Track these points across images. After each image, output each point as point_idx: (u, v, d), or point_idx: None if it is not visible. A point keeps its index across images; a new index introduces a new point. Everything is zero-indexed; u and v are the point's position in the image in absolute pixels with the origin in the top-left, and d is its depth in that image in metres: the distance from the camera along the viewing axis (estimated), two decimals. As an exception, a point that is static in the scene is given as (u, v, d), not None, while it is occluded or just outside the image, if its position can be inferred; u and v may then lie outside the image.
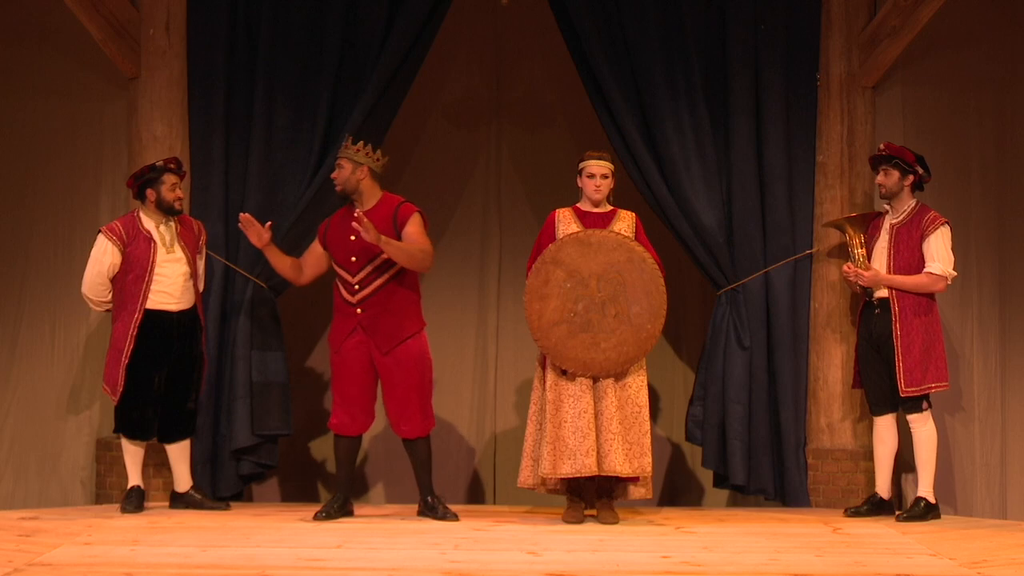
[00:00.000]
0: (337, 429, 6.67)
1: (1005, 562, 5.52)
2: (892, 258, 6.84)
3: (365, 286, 6.59)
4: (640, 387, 6.51)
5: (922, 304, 6.77)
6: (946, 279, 6.77)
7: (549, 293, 6.46)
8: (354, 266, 6.59)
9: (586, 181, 6.63)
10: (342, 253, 6.63)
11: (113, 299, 6.85)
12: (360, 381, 6.62)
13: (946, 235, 6.78)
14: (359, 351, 6.59)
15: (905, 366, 6.70)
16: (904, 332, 6.73)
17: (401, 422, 6.62)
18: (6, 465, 7.53)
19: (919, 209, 6.86)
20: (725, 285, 7.40)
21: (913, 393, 6.72)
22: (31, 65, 7.66)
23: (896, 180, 6.87)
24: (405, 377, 6.59)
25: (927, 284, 6.76)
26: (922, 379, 6.71)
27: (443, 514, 6.61)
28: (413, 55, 7.40)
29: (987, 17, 7.58)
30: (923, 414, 6.75)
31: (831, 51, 7.50)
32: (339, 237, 6.65)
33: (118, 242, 6.78)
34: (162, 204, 6.85)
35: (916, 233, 6.81)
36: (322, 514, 6.56)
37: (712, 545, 5.89)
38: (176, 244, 6.86)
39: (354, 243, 6.56)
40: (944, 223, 6.79)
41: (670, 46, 7.45)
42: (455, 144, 8.18)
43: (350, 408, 6.63)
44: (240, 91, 7.46)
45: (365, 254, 6.57)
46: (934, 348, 6.75)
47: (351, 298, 6.61)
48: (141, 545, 5.75)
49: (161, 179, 6.86)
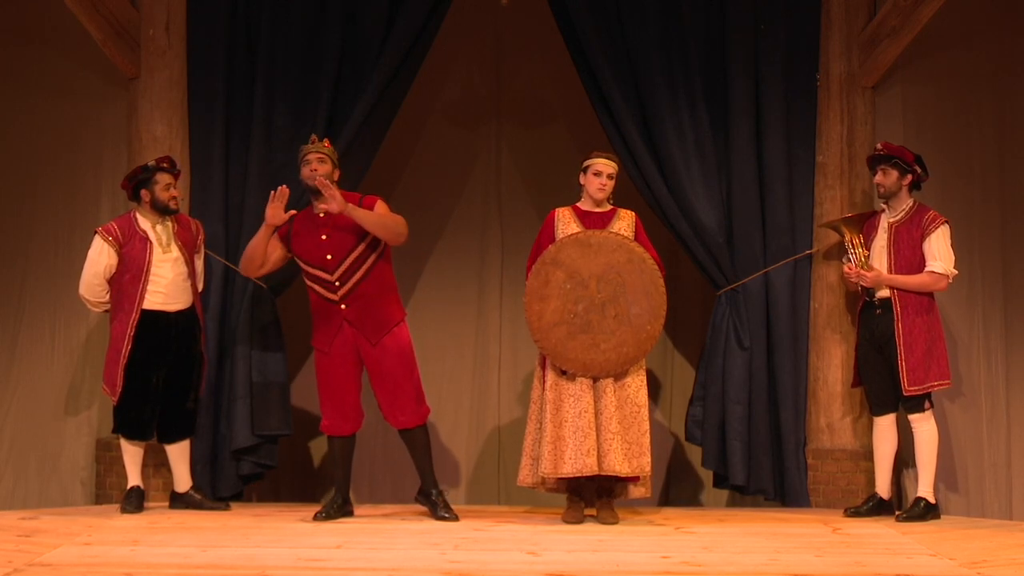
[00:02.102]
0: (331, 431, 6.67)
1: (1005, 562, 5.52)
2: (892, 257, 6.84)
3: (346, 281, 6.58)
4: (639, 387, 6.51)
5: (923, 303, 6.77)
6: (948, 278, 6.77)
7: (549, 294, 6.46)
8: (331, 263, 6.57)
9: (591, 179, 6.62)
10: (316, 254, 6.59)
11: (111, 300, 6.85)
12: (351, 379, 6.61)
13: (946, 234, 6.78)
14: (347, 348, 6.59)
15: (908, 365, 6.71)
16: (907, 332, 6.73)
17: (396, 412, 6.61)
18: (6, 465, 7.53)
19: (918, 208, 6.86)
20: (725, 285, 7.40)
21: (916, 392, 6.72)
22: (31, 65, 7.66)
23: (895, 180, 6.87)
24: (395, 366, 6.59)
25: (929, 283, 6.77)
26: (925, 378, 6.72)
27: (441, 513, 6.61)
28: (413, 55, 7.40)
29: (987, 17, 7.57)
30: (925, 413, 6.76)
31: (831, 51, 7.50)
32: (309, 240, 6.62)
33: (114, 243, 6.78)
34: (157, 204, 6.85)
35: (916, 232, 6.81)
36: (322, 514, 6.56)
37: (712, 545, 5.89)
38: (173, 244, 6.86)
39: (327, 241, 6.55)
40: (944, 222, 6.79)
41: (670, 46, 7.46)
42: (455, 143, 8.18)
43: (341, 407, 6.62)
44: (240, 91, 7.46)
45: (341, 249, 6.55)
46: (936, 347, 6.76)
47: (333, 296, 6.59)
48: (141, 545, 5.75)
49: (154, 179, 6.85)
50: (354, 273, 6.58)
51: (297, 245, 6.66)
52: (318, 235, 6.59)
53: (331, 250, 6.56)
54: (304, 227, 6.65)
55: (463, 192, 8.18)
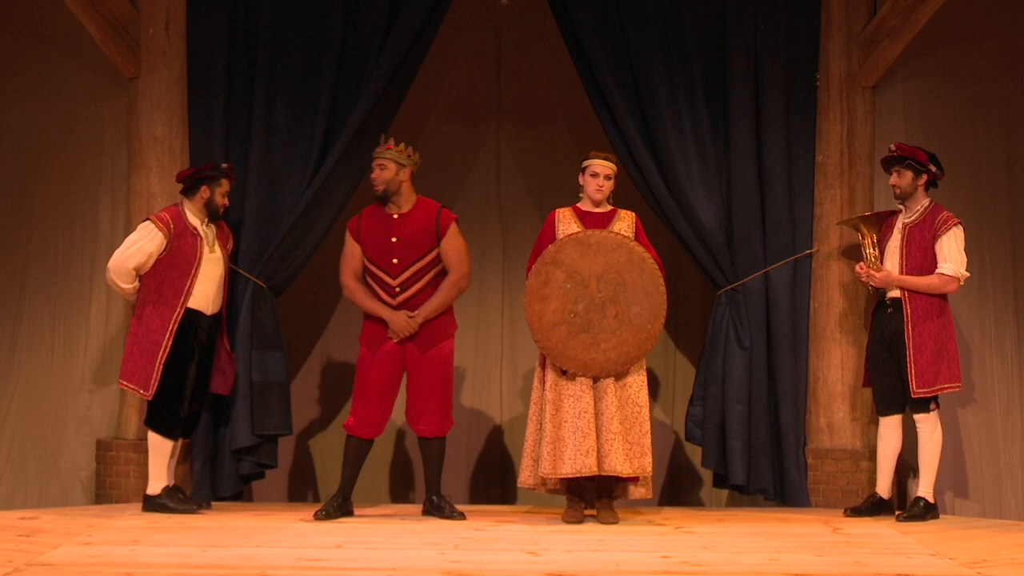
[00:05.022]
0: (354, 431, 6.63)
1: (1005, 562, 5.52)
2: (904, 258, 6.81)
3: (406, 288, 6.61)
4: (640, 387, 6.51)
5: (935, 305, 6.74)
6: (958, 280, 6.74)
7: (549, 294, 6.46)
8: (396, 268, 6.59)
9: (589, 180, 6.62)
10: (384, 257, 6.61)
11: (147, 290, 6.76)
12: (392, 384, 6.62)
13: (959, 236, 6.75)
14: (395, 353, 6.60)
15: (917, 368, 6.68)
16: (916, 333, 6.70)
17: (423, 420, 6.63)
18: (6, 465, 7.53)
19: (932, 209, 6.83)
20: (725, 285, 7.40)
21: (924, 394, 6.70)
22: (31, 65, 7.66)
23: (910, 180, 6.84)
24: (433, 375, 6.62)
25: (939, 285, 6.74)
26: (934, 380, 6.69)
27: (450, 513, 6.62)
28: (413, 54, 7.40)
29: (988, 16, 7.57)
30: (930, 414, 6.73)
31: (831, 51, 7.50)
32: (379, 240, 6.62)
33: (166, 232, 6.71)
34: (211, 205, 6.83)
35: (929, 233, 6.78)
36: (322, 513, 6.56)
37: (712, 545, 5.89)
38: (216, 245, 6.86)
39: (396, 245, 6.57)
40: (956, 223, 6.75)
41: (670, 46, 7.45)
42: (455, 142, 8.18)
43: (372, 409, 6.59)
44: (240, 91, 7.45)
45: (409, 256, 6.58)
46: (946, 349, 6.72)
47: (391, 300, 6.60)
48: (141, 545, 5.75)
49: (219, 181, 6.85)
50: (416, 282, 6.62)
51: (365, 241, 6.66)
52: (388, 236, 6.60)
53: (399, 254, 6.58)
54: (374, 224, 6.65)
55: (463, 192, 8.18)
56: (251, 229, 7.26)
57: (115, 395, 7.41)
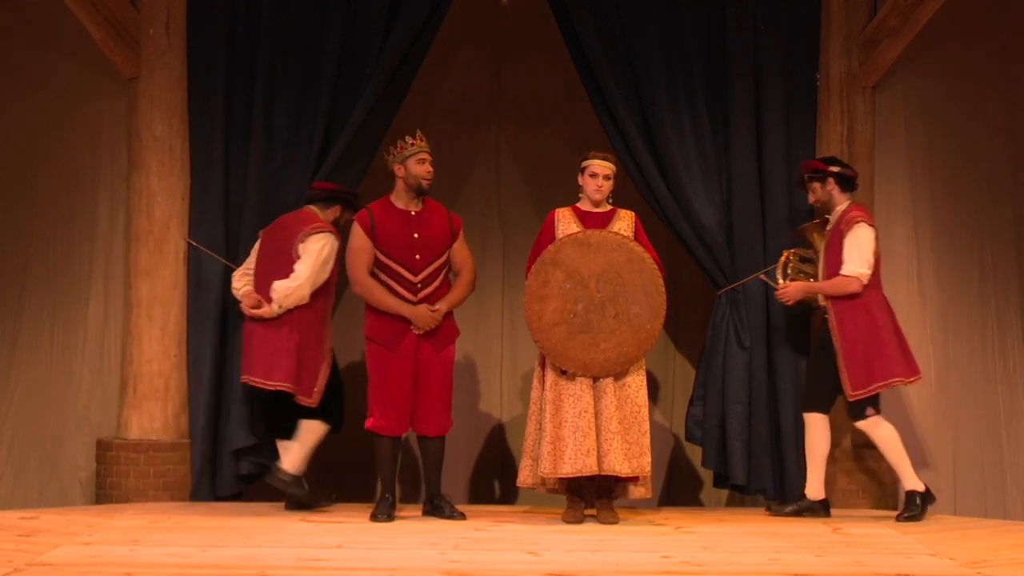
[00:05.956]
0: (383, 431, 6.59)
1: (1005, 562, 5.52)
2: (826, 264, 6.82)
3: (427, 284, 6.62)
4: (639, 387, 6.51)
5: (857, 304, 6.68)
6: (859, 279, 6.66)
7: (549, 294, 6.46)
8: (418, 264, 6.60)
9: (588, 180, 6.63)
10: (405, 253, 6.60)
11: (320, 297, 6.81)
12: (411, 380, 6.60)
13: (861, 233, 6.67)
14: (412, 350, 6.60)
15: (849, 371, 6.64)
16: (844, 338, 6.66)
17: (427, 419, 6.62)
18: (6, 465, 7.53)
19: (846, 210, 6.82)
20: (725, 285, 7.40)
21: (860, 396, 6.63)
22: (31, 65, 7.66)
23: (819, 190, 6.88)
24: (442, 376, 6.64)
25: (842, 285, 6.68)
26: (867, 381, 6.63)
27: (450, 513, 6.62)
28: (413, 55, 7.40)
29: (988, 15, 7.58)
30: (869, 420, 6.69)
31: (831, 51, 7.50)
32: (398, 236, 6.61)
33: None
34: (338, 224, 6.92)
35: (839, 236, 6.77)
36: (383, 516, 6.51)
37: (712, 545, 5.90)
38: None
39: (419, 241, 6.59)
40: (859, 222, 6.69)
41: (670, 46, 7.46)
42: (455, 143, 8.18)
43: (397, 407, 6.57)
44: (240, 91, 7.45)
45: (430, 252, 6.62)
46: (875, 344, 6.64)
47: (412, 296, 6.60)
48: (141, 545, 5.75)
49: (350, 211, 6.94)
50: (435, 279, 6.64)
51: (382, 238, 6.63)
52: (409, 232, 6.61)
53: (421, 251, 6.60)
54: (390, 221, 6.63)
55: (463, 192, 8.18)
56: (251, 229, 7.25)
57: (115, 395, 7.42)
